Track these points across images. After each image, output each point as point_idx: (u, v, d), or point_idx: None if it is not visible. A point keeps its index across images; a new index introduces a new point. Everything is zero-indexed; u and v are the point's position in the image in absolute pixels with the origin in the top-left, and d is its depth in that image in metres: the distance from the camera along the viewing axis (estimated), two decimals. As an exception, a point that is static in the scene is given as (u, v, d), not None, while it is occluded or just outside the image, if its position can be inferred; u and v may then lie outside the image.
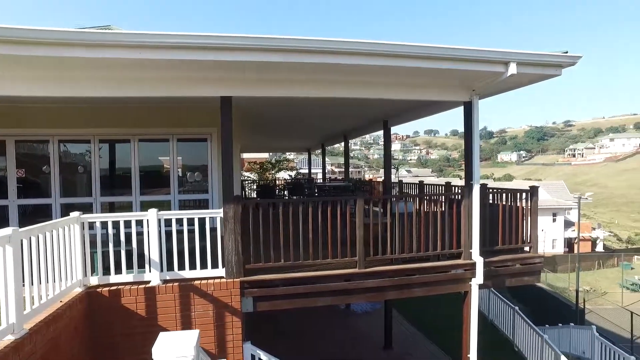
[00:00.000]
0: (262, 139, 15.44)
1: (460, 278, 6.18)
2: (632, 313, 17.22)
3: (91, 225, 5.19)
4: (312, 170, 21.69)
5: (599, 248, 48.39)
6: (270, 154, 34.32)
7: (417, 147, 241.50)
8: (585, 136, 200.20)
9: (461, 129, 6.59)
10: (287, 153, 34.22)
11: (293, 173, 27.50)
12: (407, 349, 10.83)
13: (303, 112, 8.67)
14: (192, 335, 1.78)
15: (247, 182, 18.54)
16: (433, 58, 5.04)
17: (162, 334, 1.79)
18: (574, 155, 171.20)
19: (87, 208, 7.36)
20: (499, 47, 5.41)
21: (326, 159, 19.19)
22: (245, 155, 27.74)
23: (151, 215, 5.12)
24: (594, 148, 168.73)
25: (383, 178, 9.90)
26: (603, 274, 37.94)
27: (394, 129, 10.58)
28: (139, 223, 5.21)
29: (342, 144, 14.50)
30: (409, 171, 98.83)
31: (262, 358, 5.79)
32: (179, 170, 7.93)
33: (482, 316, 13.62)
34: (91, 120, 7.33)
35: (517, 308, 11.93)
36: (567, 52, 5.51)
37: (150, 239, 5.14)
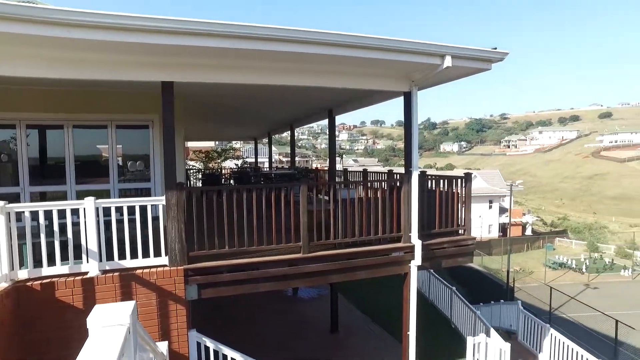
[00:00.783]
0: (207, 127, 15.11)
1: (401, 260, 6.52)
2: (551, 288, 18.98)
3: (19, 217, 4.88)
4: (259, 159, 21.52)
5: (528, 232, 52.34)
6: (217, 142, 33.60)
7: (364, 137, 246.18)
8: (519, 129, 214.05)
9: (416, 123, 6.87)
10: (234, 142, 33.68)
11: (239, 162, 27.13)
12: (352, 331, 11.22)
13: (249, 100, 8.60)
14: (128, 305, 1.80)
15: (192, 171, 18.08)
16: (375, 48, 5.21)
17: (97, 306, 1.79)
18: (508, 147, 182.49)
19: (13, 199, 6.87)
20: (434, 40, 5.69)
21: (273, 148, 19.19)
22: (191, 144, 26.97)
23: (88, 204, 4.91)
24: (526, 140, 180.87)
25: (328, 166, 10.10)
26: (530, 255, 41.18)
27: (341, 119, 10.89)
28: (75, 212, 4.98)
29: (289, 133, 14.53)
30: (355, 161, 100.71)
31: (208, 345, 5.79)
32: (119, 159, 7.60)
33: (423, 297, 14.37)
34: (16, 103, 6.78)
35: (454, 288, 12.72)
36: (496, 49, 5.92)
37: (88, 228, 4.94)
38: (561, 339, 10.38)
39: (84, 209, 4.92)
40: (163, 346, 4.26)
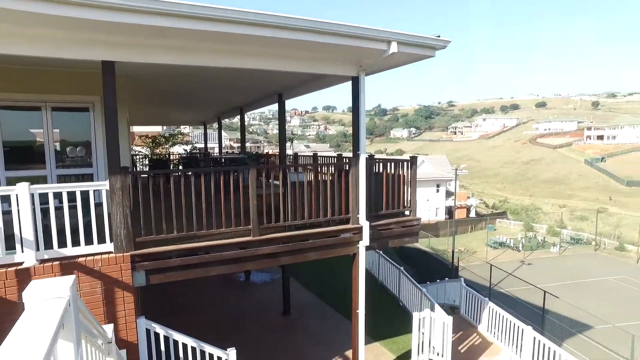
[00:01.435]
0: (154, 111, 14.55)
1: (349, 241, 6.73)
2: (491, 266, 20.34)
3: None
4: (209, 145, 21.03)
5: (472, 214, 55.24)
6: (164, 127, 32.37)
7: (316, 123, 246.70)
8: (464, 116, 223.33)
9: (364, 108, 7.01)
10: (182, 127, 32.62)
11: (188, 147, 26.31)
12: (304, 313, 11.46)
13: (196, 82, 8.39)
14: (68, 279, 1.77)
15: (138, 156, 17.38)
16: (324, 32, 5.25)
17: (33, 281, 1.74)
18: (455, 133, 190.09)
19: None
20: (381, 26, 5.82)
21: (224, 134, 18.85)
22: (136, 129, 25.81)
23: (21, 190, 4.63)
24: (471, 127, 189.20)
25: (279, 151, 10.12)
26: (474, 236, 43.61)
27: (292, 104, 10.94)
28: (6, 200, 4.69)
29: (240, 117, 14.31)
30: (307, 146, 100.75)
31: (158, 331, 5.72)
32: (57, 144, 7.18)
33: (373, 278, 14.88)
34: None
35: (402, 268, 13.27)
36: (439, 36, 6.17)
37: (22, 216, 4.66)
38: (497, 311, 11.19)
39: (17, 195, 4.64)
40: (109, 329, 4.16)
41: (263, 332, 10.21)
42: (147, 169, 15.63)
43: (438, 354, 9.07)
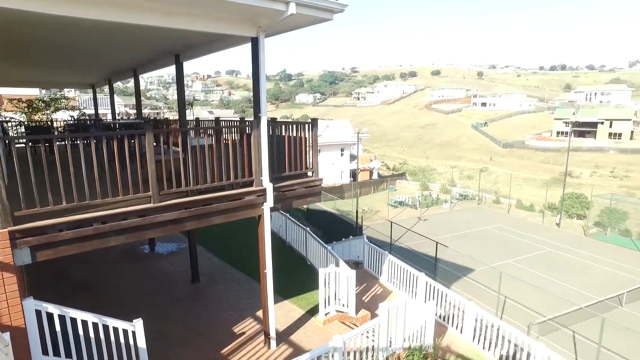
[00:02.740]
0: (28, 71, 12.75)
1: (254, 203, 6.82)
2: (391, 223, 22.07)
3: None
4: (100, 111, 19.09)
5: (375, 176, 58.54)
6: (44, 90, 28.61)
7: (220, 88, 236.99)
8: (367, 82, 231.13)
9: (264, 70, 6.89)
10: (66, 90, 29.12)
11: (75, 113, 23.54)
12: (214, 278, 11.46)
13: (78, 36, 7.48)
14: None
15: (10, 124, 15.24)
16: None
17: None
18: (358, 99, 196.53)
19: None
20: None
21: (118, 99, 17.29)
22: (4, 91, 22.31)
23: None
24: (373, 93, 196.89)
25: (178, 115, 9.64)
26: (377, 197, 46.52)
27: (194, 68, 10.45)
28: None
29: (134, 80, 13.17)
30: (211, 112, 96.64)
31: (50, 311, 5.32)
32: None
33: (280, 240, 15.26)
34: None
35: (308, 229, 13.79)
36: (337, 0, 6.29)
37: None
38: (396, 262, 12.31)
39: None
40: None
41: (172, 302, 10.04)
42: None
43: (344, 305, 9.76)
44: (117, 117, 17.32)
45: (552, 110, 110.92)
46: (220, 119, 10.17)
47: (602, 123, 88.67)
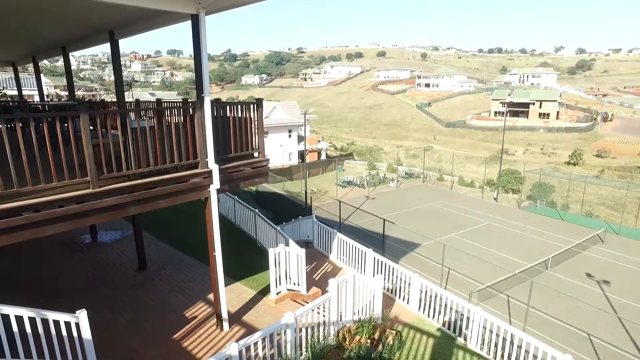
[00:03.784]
0: None
1: (200, 186, 6.70)
2: (340, 202, 22.50)
3: None
4: (25, 92, 17.48)
5: (323, 157, 59.03)
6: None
7: (161, 69, 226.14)
8: (314, 62, 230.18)
9: (208, 50, 6.68)
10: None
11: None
12: (162, 265, 11.19)
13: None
14: None
15: None
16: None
17: None
18: (305, 79, 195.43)
19: None
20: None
21: (46, 79, 15.91)
22: None
23: None
24: (320, 73, 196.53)
25: (116, 96, 9.12)
26: (325, 177, 47.02)
27: (132, 46, 9.81)
28: None
29: (63, 59, 12.19)
30: (152, 94, 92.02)
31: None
32: None
33: (230, 223, 15.12)
34: None
35: (257, 210, 13.77)
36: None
37: None
38: (345, 240, 12.63)
39: None
40: None
41: (119, 291, 9.72)
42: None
43: (295, 284, 9.93)
44: (46, 99, 15.99)
45: (490, 91, 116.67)
46: (162, 100, 9.76)
47: (533, 104, 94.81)
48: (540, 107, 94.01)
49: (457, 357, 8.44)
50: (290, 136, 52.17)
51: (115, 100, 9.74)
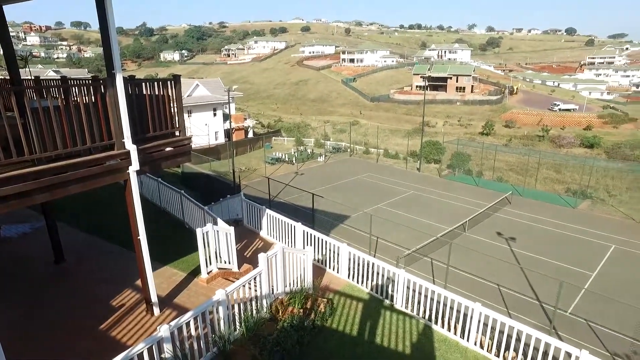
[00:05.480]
0: None
1: (117, 168, 6.36)
2: (269, 179, 22.54)
3: None
4: None
5: (250, 135, 58.04)
6: None
7: (65, 43, 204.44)
8: (237, 38, 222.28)
9: (120, 23, 6.20)
10: None
11: None
12: (82, 255, 10.54)
13: None
14: None
15: None
16: None
17: None
18: (228, 55, 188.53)
19: None
20: None
21: None
22: None
23: None
24: (244, 49, 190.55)
25: (9, 73, 8.21)
26: (253, 155, 46.44)
27: (24, 16, 8.59)
28: None
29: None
30: (57, 71, 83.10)
31: None
32: None
33: (154, 206, 14.54)
34: None
35: (182, 192, 13.35)
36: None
37: None
38: (274, 216, 12.75)
39: None
40: None
41: (34, 287, 9.04)
42: None
43: (226, 262, 9.91)
44: None
45: (411, 66, 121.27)
46: (67, 77, 8.94)
47: (451, 78, 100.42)
48: (457, 81, 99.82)
49: (384, 317, 9.08)
50: (215, 115, 50.42)
51: (8, 78, 8.74)
